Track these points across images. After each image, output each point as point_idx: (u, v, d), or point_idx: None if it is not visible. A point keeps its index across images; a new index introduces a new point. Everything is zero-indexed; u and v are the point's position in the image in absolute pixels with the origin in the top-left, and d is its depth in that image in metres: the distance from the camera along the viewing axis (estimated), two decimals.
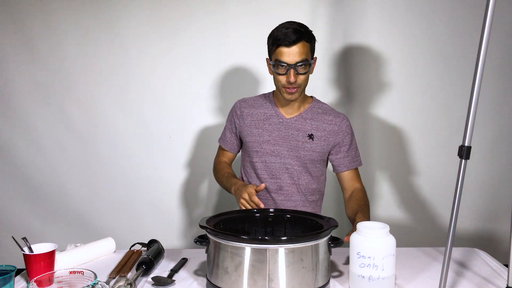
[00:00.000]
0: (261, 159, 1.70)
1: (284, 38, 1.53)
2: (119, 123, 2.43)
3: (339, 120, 1.70)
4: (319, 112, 1.71)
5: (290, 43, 1.52)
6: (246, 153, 1.77)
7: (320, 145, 1.68)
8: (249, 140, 1.72)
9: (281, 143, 1.68)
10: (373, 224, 1.23)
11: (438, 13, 2.31)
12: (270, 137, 1.69)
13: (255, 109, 1.74)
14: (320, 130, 1.68)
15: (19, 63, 2.38)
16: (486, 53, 1.12)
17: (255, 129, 1.71)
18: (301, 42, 1.53)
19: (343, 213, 2.44)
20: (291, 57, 1.53)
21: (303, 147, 1.67)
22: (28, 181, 2.46)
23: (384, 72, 2.36)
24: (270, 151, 1.68)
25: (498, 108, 2.37)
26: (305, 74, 1.58)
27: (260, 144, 1.70)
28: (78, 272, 1.10)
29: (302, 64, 1.54)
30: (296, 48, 1.53)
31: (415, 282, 1.29)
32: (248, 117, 1.74)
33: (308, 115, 1.70)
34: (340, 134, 1.69)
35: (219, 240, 1.18)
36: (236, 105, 1.79)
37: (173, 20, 2.35)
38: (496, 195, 2.41)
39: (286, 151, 1.68)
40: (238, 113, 1.76)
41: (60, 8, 2.33)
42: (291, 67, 1.54)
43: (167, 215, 2.50)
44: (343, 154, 1.70)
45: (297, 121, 1.69)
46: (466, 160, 1.15)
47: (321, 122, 1.69)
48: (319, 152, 1.68)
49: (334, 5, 2.31)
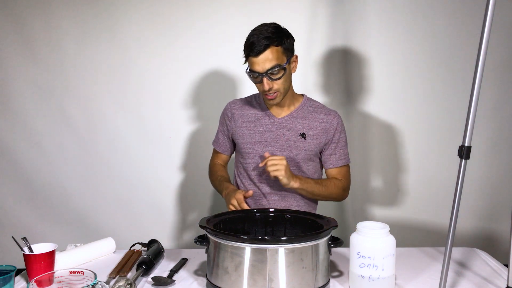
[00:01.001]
0: (253, 160, 1.70)
1: (251, 49, 1.53)
2: (119, 123, 2.43)
3: (331, 117, 1.69)
4: (310, 110, 1.70)
5: (257, 53, 1.52)
6: (239, 154, 1.77)
7: (312, 143, 1.67)
8: (241, 141, 1.72)
9: (273, 144, 1.68)
10: (373, 224, 1.23)
11: (438, 13, 2.31)
12: (262, 138, 1.69)
13: (246, 110, 1.74)
14: (312, 128, 1.67)
15: (19, 63, 2.38)
16: (486, 53, 1.12)
17: (246, 130, 1.71)
18: (268, 49, 1.52)
19: (343, 213, 2.46)
20: (261, 65, 1.53)
21: (295, 146, 1.67)
22: (28, 181, 2.46)
23: (384, 72, 2.36)
24: (262, 152, 1.68)
25: (498, 108, 2.37)
26: (280, 79, 1.56)
27: (252, 145, 1.70)
28: (78, 272, 1.10)
29: (273, 70, 1.53)
30: (263, 56, 1.52)
31: (415, 282, 1.29)
32: (239, 119, 1.73)
33: (299, 114, 1.69)
34: (331, 132, 1.68)
35: (219, 240, 1.18)
36: (227, 107, 1.79)
37: (173, 20, 2.35)
38: (496, 195, 2.41)
39: (278, 151, 1.67)
40: (229, 115, 1.76)
41: (60, 8, 2.33)
42: (262, 76, 1.54)
43: (167, 215, 2.50)
44: (330, 151, 1.70)
45: (288, 121, 1.68)
46: (466, 160, 1.15)
47: (313, 121, 1.68)
48: (312, 151, 1.68)
49: (334, 5, 2.31)
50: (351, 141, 2.41)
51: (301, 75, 2.34)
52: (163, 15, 2.34)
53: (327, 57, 2.35)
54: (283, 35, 1.56)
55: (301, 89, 2.32)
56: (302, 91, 2.35)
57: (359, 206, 2.46)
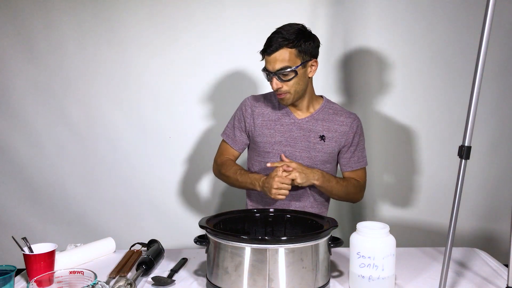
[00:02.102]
0: (272, 159, 1.68)
1: (266, 47, 1.55)
2: (119, 123, 2.43)
3: (350, 120, 1.69)
4: (330, 113, 1.70)
5: (269, 52, 1.53)
6: (255, 153, 1.74)
7: (331, 146, 1.67)
8: (261, 140, 1.70)
9: (293, 144, 1.67)
10: (373, 224, 1.23)
11: (438, 13, 2.31)
12: (282, 138, 1.68)
13: (266, 108, 1.71)
14: (331, 131, 1.67)
15: (19, 63, 2.37)
16: (486, 53, 1.12)
17: (266, 129, 1.69)
18: (281, 49, 1.52)
19: (343, 213, 2.46)
20: (272, 64, 1.54)
21: (314, 148, 1.66)
22: (28, 181, 2.46)
23: (384, 72, 2.35)
24: (281, 151, 1.67)
25: (498, 108, 2.36)
26: (290, 81, 1.55)
27: (272, 145, 1.68)
28: (78, 272, 1.10)
29: (283, 71, 1.53)
30: (276, 56, 1.53)
31: (415, 282, 1.29)
32: (259, 117, 1.71)
33: (319, 116, 1.69)
34: (350, 135, 1.68)
35: (219, 240, 1.18)
36: (246, 103, 1.74)
37: (173, 20, 2.35)
38: (496, 195, 2.41)
39: (298, 152, 1.67)
40: (249, 111, 1.72)
41: (60, 8, 2.33)
42: (272, 75, 1.55)
43: (167, 215, 2.49)
44: (350, 154, 1.70)
45: (309, 122, 1.68)
46: (466, 160, 1.15)
47: (333, 123, 1.68)
48: (330, 153, 1.68)
49: (334, 5, 2.31)
50: None
51: None
52: (163, 15, 2.34)
53: (326, 58, 2.34)
54: (303, 37, 1.54)
55: None
56: None
57: (359, 207, 2.45)
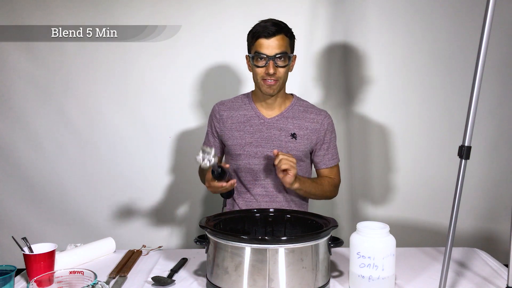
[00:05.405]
0: (244, 161, 1.68)
1: (263, 30, 1.54)
2: (119, 123, 2.43)
3: (321, 117, 1.69)
4: (300, 110, 1.69)
5: (269, 34, 1.54)
6: (229, 156, 1.75)
7: (303, 144, 1.66)
8: (231, 143, 1.69)
9: (264, 144, 1.66)
10: (373, 224, 1.23)
11: (438, 13, 2.31)
12: (253, 139, 1.66)
13: (235, 111, 1.71)
14: (302, 128, 1.66)
15: (19, 63, 2.38)
16: (486, 53, 1.12)
17: (236, 131, 1.68)
18: (280, 34, 1.55)
19: (342, 213, 2.46)
20: (270, 49, 1.54)
21: (286, 146, 1.65)
22: (28, 181, 2.46)
23: (384, 72, 2.35)
24: (253, 153, 1.66)
25: (498, 108, 2.36)
26: (284, 68, 1.58)
27: (242, 146, 1.67)
28: (78, 272, 1.10)
29: (281, 56, 1.55)
30: (275, 40, 1.54)
31: (415, 282, 1.29)
32: (228, 120, 1.71)
33: (289, 114, 1.68)
34: (321, 132, 1.68)
35: (219, 240, 1.18)
36: (215, 109, 1.76)
37: (173, 20, 2.35)
38: (496, 195, 2.41)
39: (270, 152, 1.65)
40: (217, 117, 1.73)
41: (60, 8, 2.33)
42: (270, 59, 1.55)
43: (167, 215, 2.50)
44: (323, 151, 1.70)
45: (279, 121, 1.67)
46: (466, 160, 1.15)
47: (303, 121, 1.67)
48: (302, 151, 1.67)
49: (334, 5, 2.31)
50: (351, 140, 2.42)
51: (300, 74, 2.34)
52: (163, 15, 2.34)
53: (326, 57, 2.35)
54: (291, 31, 1.61)
55: (300, 87, 2.34)
56: (301, 89, 2.36)
57: (359, 207, 2.46)
